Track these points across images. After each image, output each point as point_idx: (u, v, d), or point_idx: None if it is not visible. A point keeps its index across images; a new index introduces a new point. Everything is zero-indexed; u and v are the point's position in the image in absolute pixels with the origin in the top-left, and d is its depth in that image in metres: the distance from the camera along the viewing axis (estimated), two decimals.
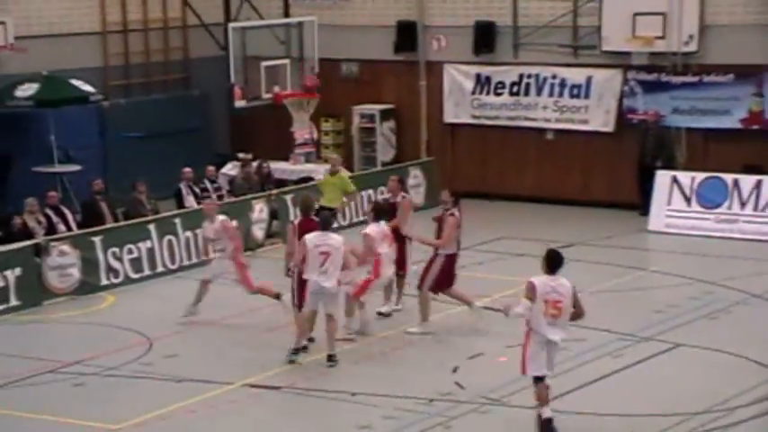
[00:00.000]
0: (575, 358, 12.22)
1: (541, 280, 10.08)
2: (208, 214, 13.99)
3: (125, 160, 20.24)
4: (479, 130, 21.15)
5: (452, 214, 13.06)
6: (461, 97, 21.21)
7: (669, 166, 18.96)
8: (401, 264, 13.71)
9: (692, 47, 18.99)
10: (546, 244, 17.31)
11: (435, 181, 20.68)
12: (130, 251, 15.84)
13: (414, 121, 21.79)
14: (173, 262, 16.29)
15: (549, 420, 10.06)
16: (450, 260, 13.23)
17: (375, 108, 21.90)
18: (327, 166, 17.30)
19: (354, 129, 22.11)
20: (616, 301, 14.52)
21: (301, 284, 12.24)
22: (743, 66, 18.69)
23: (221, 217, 13.91)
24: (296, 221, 12.80)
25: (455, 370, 11.92)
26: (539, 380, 10.17)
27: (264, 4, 22.26)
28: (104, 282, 15.57)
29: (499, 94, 20.89)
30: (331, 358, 12.18)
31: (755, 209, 17.65)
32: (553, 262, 10.14)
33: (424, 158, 21.26)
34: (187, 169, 18.56)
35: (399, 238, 13.62)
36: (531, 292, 10.05)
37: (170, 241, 16.30)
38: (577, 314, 10.32)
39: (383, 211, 13.37)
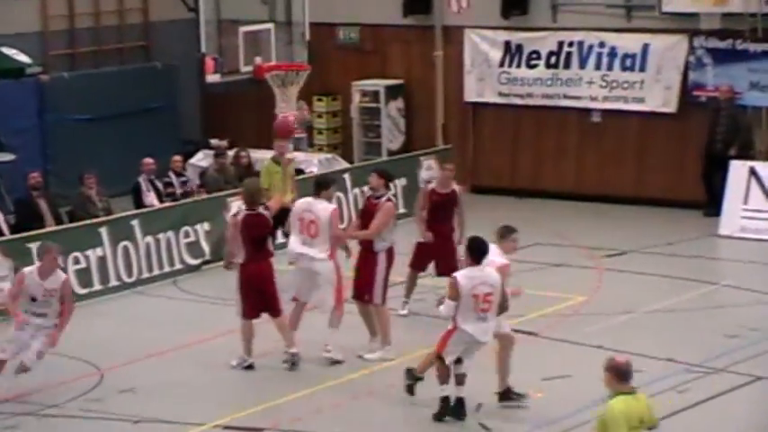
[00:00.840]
0: None
1: (465, 273, 11.15)
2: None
3: (70, 148, 20.22)
4: (509, 111, 21.13)
5: (389, 199, 13.44)
6: (486, 70, 21.19)
7: (746, 155, 18.93)
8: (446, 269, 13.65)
9: None
10: (591, 252, 17.37)
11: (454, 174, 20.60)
12: (77, 260, 15.75)
13: (427, 100, 21.78)
14: (129, 274, 16.24)
15: (447, 398, 11.43)
16: (392, 256, 13.41)
17: (380, 84, 21.90)
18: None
19: (354, 109, 22.08)
20: (680, 323, 14.46)
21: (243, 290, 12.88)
22: None
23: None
24: (239, 216, 13.03)
25: (478, 408, 11.85)
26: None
27: None
28: None
29: (533, 67, 20.87)
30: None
31: None
32: (478, 251, 11.19)
33: (440, 146, 21.23)
34: (148, 160, 18.52)
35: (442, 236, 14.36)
36: (453, 291, 11.12)
37: (126, 248, 16.23)
38: (503, 307, 11.49)
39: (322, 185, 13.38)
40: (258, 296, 13.03)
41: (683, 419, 11.66)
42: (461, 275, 11.17)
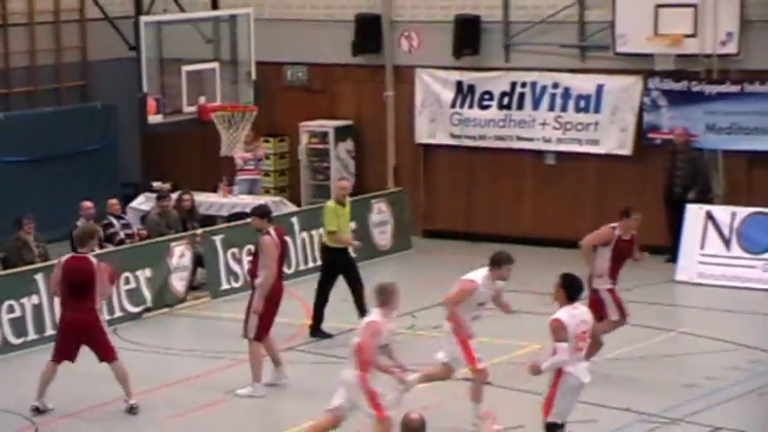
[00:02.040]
0: None
1: (567, 313, 10.92)
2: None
3: (4, 191, 20.08)
4: (461, 152, 21.29)
5: (268, 233, 13.77)
6: (438, 111, 21.36)
7: (705, 198, 19.17)
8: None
9: (732, 48, 19.25)
10: (544, 297, 17.43)
11: (405, 218, 20.73)
12: (11, 309, 15.68)
13: (378, 141, 21.90)
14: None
15: None
16: (273, 291, 13.75)
17: (328, 125, 22.01)
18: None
19: (302, 151, 22.16)
20: (638, 372, 14.57)
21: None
22: None
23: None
24: (62, 259, 13.42)
25: None
26: (558, 428, 10.75)
27: None
28: None
29: (486, 108, 21.06)
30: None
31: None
32: (573, 289, 11.06)
33: (392, 189, 21.33)
34: (87, 203, 18.50)
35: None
36: (563, 332, 10.79)
37: None
38: None
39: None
40: (77, 342, 13.30)
41: None
42: (566, 315, 10.93)
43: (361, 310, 15.70)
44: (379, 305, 11.45)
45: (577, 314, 10.97)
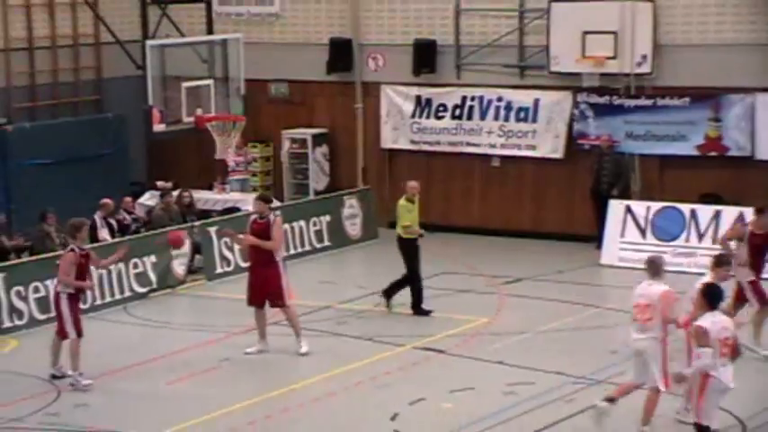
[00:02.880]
0: (523, 403, 12.27)
1: (709, 320, 10.07)
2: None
3: (31, 190, 19.95)
4: (420, 156, 21.28)
5: (277, 215, 13.99)
6: (400, 121, 21.35)
7: (624, 194, 19.20)
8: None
9: (646, 68, 19.33)
10: (493, 279, 17.53)
11: (373, 211, 20.72)
12: (37, 290, 15.57)
13: (349, 146, 21.86)
14: (84, 301, 16.03)
15: None
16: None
17: (307, 132, 21.96)
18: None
19: (284, 155, 22.11)
20: (569, 342, 14.61)
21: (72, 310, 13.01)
22: (699, 88, 19.05)
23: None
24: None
25: (394, 418, 11.88)
26: (709, 431, 10.09)
27: (186, 20, 22.20)
28: (7, 324, 15.30)
29: (441, 118, 21.06)
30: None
31: (714, 241, 17.90)
32: (714, 297, 10.23)
33: (361, 187, 21.31)
34: (107, 201, 18.44)
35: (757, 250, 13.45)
36: (706, 338, 9.99)
37: None
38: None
39: None
40: None
41: (571, 425, 11.79)
42: (708, 322, 10.08)
43: (394, 290, 15.64)
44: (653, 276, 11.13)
45: (719, 321, 10.11)
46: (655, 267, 11.44)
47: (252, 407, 12.37)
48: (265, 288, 13.89)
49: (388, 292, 15.80)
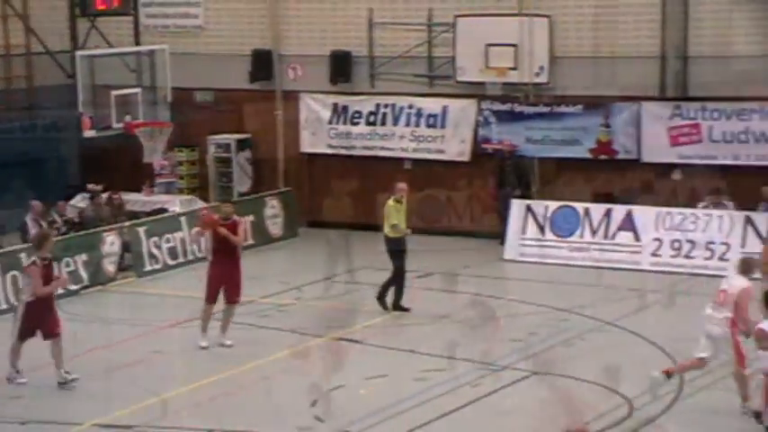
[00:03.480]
0: (434, 388, 12.40)
1: None
2: None
3: None
4: (337, 159, 21.30)
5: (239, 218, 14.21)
6: (318, 127, 21.35)
7: (525, 195, 19.46)
8: None
9: (543, 78, 19.61)
10: (407, 274, 17.62)
11: (293, 212, 20.70)
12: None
13: (270, 150, 21.78)
14: (18, 299, 15.74)
15: None
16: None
17: (231, 138, 21.83)
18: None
19: (210, 159, 21.96)
20: (475, 331, 14.66)
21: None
22: (591, 97, 19.40)
23: None
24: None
25: (314, 404, 11.92)
26: None
27: (114, 32, 21.92)
28: None
29: (356, 124, 21.10)
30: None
31: (605, 237, 18.31)
32: None
33: (282, 189, 21.27)
34: (36, 203, 18.09)
35: None
36: (767, 341, 10.12)
37: (14, 277, 15.82)
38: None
39: None
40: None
41: (476, 408, 11.94)
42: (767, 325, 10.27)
43: (386, 290, 15.45)
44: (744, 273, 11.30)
45: None
46: (746, 266, 11.67)
47: (180, 396, 12.29)
48: (228, 282, 13.85)
49: (381, 295, 15.65)
